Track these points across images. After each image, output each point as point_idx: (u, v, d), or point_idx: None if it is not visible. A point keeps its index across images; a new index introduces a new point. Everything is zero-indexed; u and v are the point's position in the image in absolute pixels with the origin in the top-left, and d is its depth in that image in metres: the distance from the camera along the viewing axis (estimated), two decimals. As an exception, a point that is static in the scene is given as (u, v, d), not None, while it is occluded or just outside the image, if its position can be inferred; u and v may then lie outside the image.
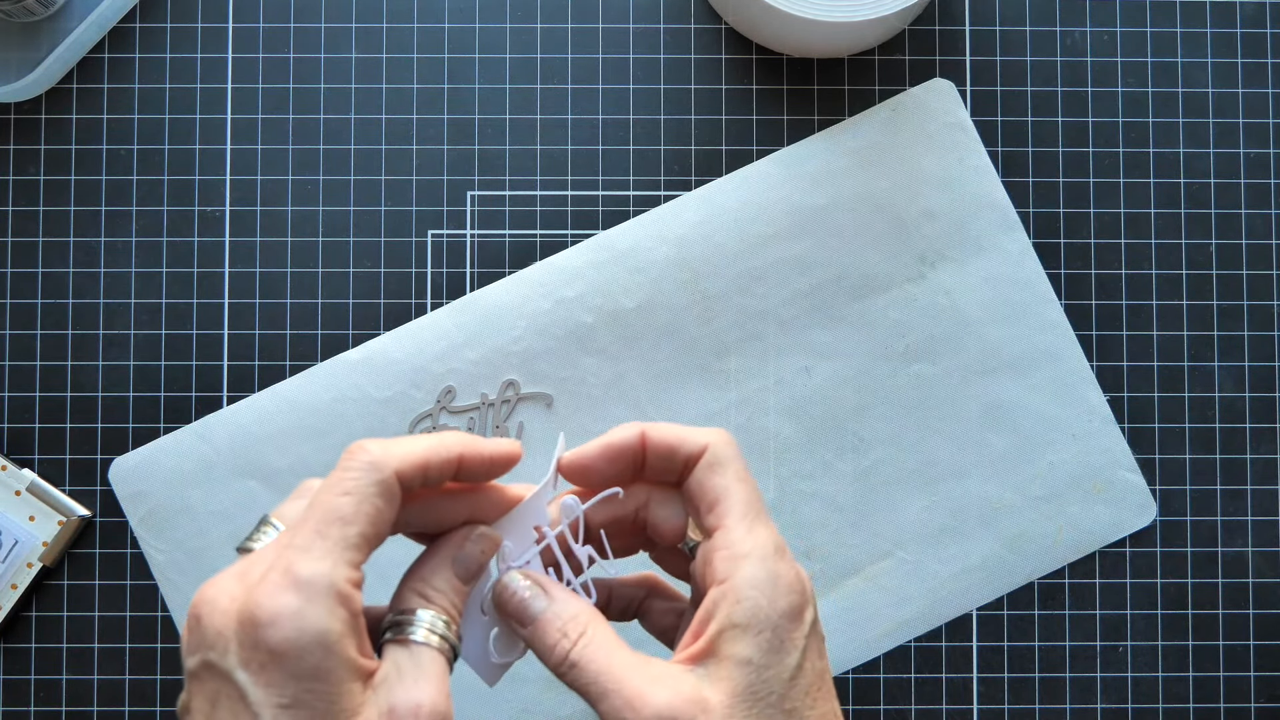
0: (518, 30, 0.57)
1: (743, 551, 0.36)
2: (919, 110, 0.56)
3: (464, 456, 0.37)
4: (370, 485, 0.34)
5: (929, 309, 0.55)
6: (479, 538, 0.37)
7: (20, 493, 0.55)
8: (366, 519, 0.34)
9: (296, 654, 0.32)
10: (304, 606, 0.32)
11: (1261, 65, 0.57)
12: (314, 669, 0.32)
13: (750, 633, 0.35)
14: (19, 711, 0.55)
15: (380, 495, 0.34)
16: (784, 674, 0.35)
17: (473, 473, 0.37)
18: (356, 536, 0.33)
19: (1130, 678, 0.56)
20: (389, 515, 0.35)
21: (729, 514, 0.37)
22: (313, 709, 0.32)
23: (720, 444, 0.38)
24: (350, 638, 0.33)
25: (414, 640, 0.35)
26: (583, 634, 0.37)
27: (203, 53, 0.57)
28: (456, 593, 0.37)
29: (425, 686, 0.34)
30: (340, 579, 0.33)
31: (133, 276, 0.56)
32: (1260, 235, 0.57)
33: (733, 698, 0.35)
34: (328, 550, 0.33)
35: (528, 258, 0.56)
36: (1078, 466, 0.55)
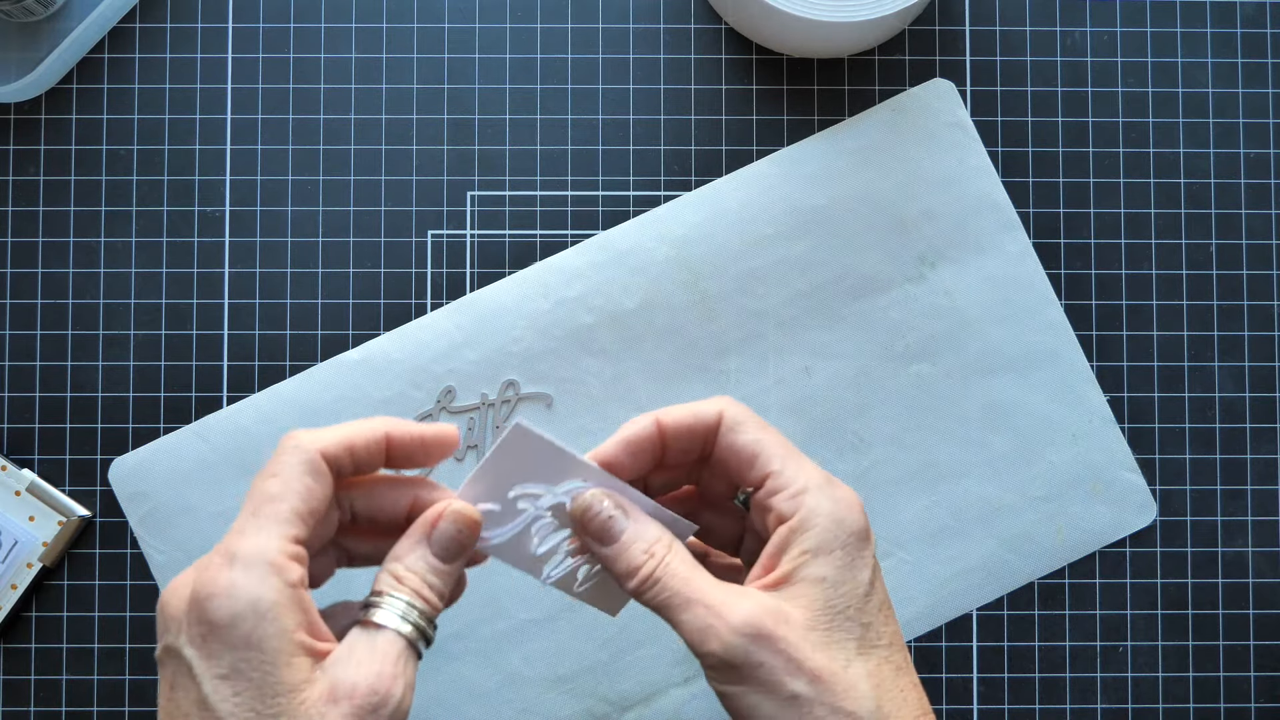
0: (518, 30, 0.57)
1: (800, 487, 0.38)
2: (919, 110, 0.56)
3: (391, 434, 0.38)
4: (296, 465, 0.36)
5: (929, 309, 0.55)
6: (453, 515, 0.37)
7: (20, 493, 0.55)
8: (295, 495, 0.35)
9: (230, 622, 0.34)
10: (238, 577, 0.34)
11: (1261, 65, 0.57)
12: (247, 637, 0.34)
13: (823, 554, 0.37)
14: (19, 711, 0.55)
15: (307, 473, 0.36)
16: (858, 589, 0.37)
17: (406, 452, 0.38)
18: (288, 511, 0.35)
19: (1130, 678, 0.56)
20: (320, 492, 0.36)
21: (771, 460, 0.38)
22: (248, 679, 0.34)
23: (731, 406, 0.39)
24: (289, 609, 0.34)
25: (374, 621, 0.36)
26: (668, 552, 0.38)
27: (203, 53, 0.57)
28: (434, 572, 0.37)
29: (370, 668, 0.35)
30: (272, 550, 0.34)
31: (133, 276, 0.56)
32: (1260, 235, 0.57)
33: (811, 613, 0.36)
34: (260, 527, 0.35)
35: (528, 258, 0.56)
36: (1078, 466, 0.55)
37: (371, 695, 0.34)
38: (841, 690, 0.35)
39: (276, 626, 0.34)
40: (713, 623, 0.36)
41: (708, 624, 0.36)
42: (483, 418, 0.55)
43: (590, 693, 0.54)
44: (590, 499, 0.38)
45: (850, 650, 0.36)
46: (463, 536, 0.37)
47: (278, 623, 0.34)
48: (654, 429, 0.39)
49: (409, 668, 0.35)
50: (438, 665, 0.54)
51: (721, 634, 0.36)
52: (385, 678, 0.35)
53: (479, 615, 0.54)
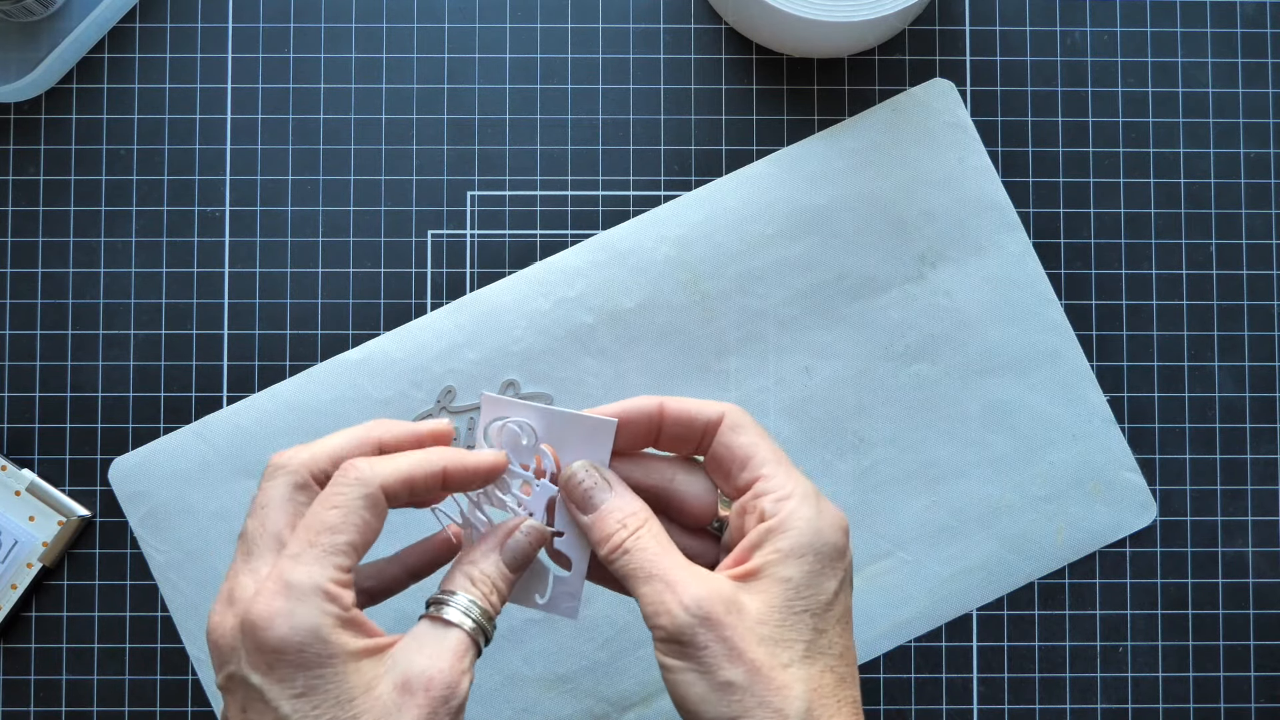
0: (518, 30, 0.57)
1: (787, 493, 0.39)
2: (919, 110, 0.56)
3: (448, 470, 0.39)
4: (357, 499, 0.37)
5: (929, 309, 0.55)
6: (529, 529, 0.40)
7: (20, 493, 0.55)
8: (354, 529, 0.37)
9: (296, 648, 0.35)
10: (294, 607, 0.35)
11: (1261, 65, 0.57)
12: (315, 658, 0.35)
13: (794, 557, 0.38)
14: (19, 711, 0.55)
15: (367, 509, 0.37)
16: (821, 597, 0.38)
17: (460, 484, 0.40)
18: (344, 545, 0.36)
19: (1130, 678, 0.56)
20: (375, 525, 0.37)
21: (764, 464, 0.39)
22: (324, 692, 0.35)
23: (736, 411, 0.41)
24: (343, 629, 0.36)
25: (444, 618, 0.38)
26: (641, 526, 0.39)
27: (203, 53, 0.57)
28: (503, 579, 0.39)
29: (442, 662, 0.36)
30: (326, 580, 0.36)
31: (133, 276, 0.56)
32: (1260, 235, 0.57)
33: (768, 608, 0.37)
34: (316, 558, 0.36)
35: (528, 258, 0.56)
36: (1078, 466, 0.55)
37: (445, 689, 0.36)
38: (775, 687, 0.36)
39: (338, 644, 0.35)
40: (667, 599, 0.37)
41: (662, 599, 0.37)
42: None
43: (590, 693, 0.54)
44: (576, 468, 0.40)
45: (797, 651, 0.37)
46: (532, 549, 0.40)
47: (336, 643, 0.35)
48: (655, 410, 0.41)
49: (472, 664, 0.37)
50: (438, 665, 0.54)
51: (673, 610, 0.37)
52: (455, 672, 0.36)
53: (479, 615, 0.54)
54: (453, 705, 0.36)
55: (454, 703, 0.36)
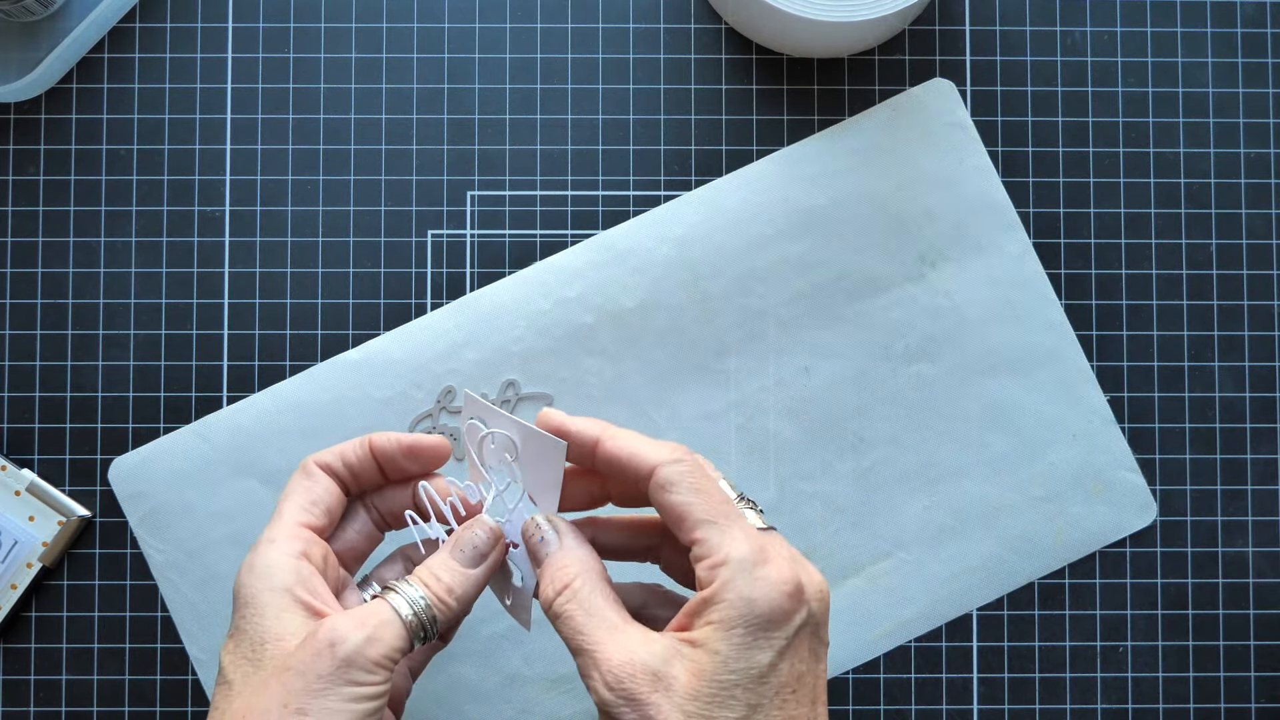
0: (518, 30, 0.57)
1: (719, 559, 0.37)
2: (919, 110, 0.56)
3: (373, 442, 0.43)
4: (296, 474, 0.43)
5: (929, 309, 0.55)
6: (481, 526, 0.41)
7: (20, 493, 0.55)
8: (296, 493, 0.42)
9: (239, 588, 0.40)
10: (249, 556, 0.40)
11: (1261, 65, 0.57)
12: (249, 596, 0.39)
13: (723, 629, 0.36)
14: (19, 711, 0.55)
15: (302, 476, 0.43)
16: (752, 670, 0.36)
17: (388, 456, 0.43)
18: (290, 507, 0.42)
19: (1130, 678, 0.56)
20: (316, 487, 0.42)
21: (696, 528, 0.38)
22: (244, 633, 0.39)
23: (667, 465, 0.39)
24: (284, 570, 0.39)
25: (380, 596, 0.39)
26: (567, 586, 0.39)
27: (203, 53, 0.57)
28: (452, 573, 0.40)
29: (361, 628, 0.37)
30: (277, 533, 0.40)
31: (133, 276, 0.56)
32: (1260, 235, 0.57)
33: (698, 680, 0.36)
34: (272, 523, 0.41)
35: (528, 258, 0.56)
36: (1078, 466, 0.55)
37: (333, 633, 0.37)
38: None
39: (269, 583, 0.39)
40: (593, 675, 0.37)
41: (589, 674, 0.37)
42: (483, 418, 0.55)
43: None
44: (527, 524, 0.41)
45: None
46: (480, 541, 0.41)
47: (270, 579, 0.39)
48: (591, 446, 0.41)
49: (387, 631, 0.38)
50: (438, 665, 0.54)
51: (599, 689, 0.37)
52: (353, 625, 0.37)
53: (479, 615, 0.54)
54: (338, 651, 0.37)
55: (340, 649, 0.37)
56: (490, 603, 0.54)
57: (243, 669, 0.38)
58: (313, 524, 0.41)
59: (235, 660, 0.38)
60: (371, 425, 0.54)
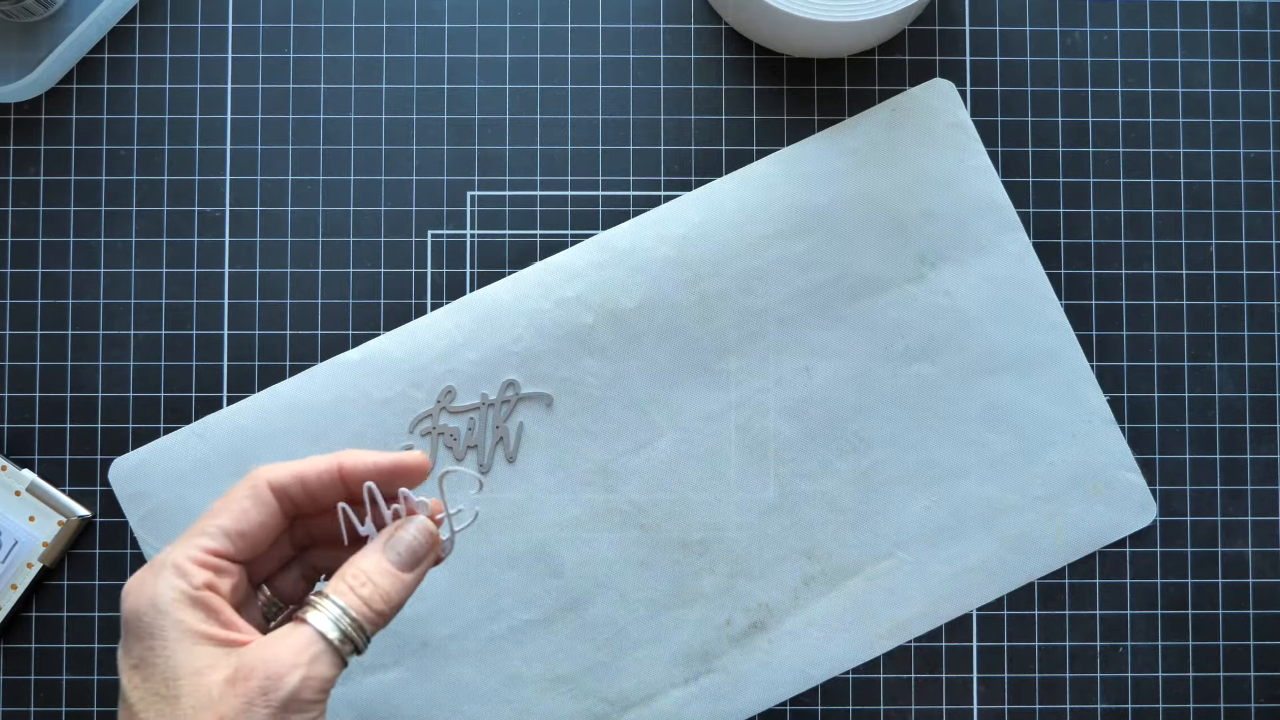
0: (518, 30, 0.57)
1: None
2: (919, 110, 0.56)
3: (344, 465, 0.39)
4: (242, 490, 0.39)
5: (929, 309, 0.55)
6: (419, 525, 0.39)
7: (20, 493, 0.55)
8: (229, 515, 0.38)
9: (136, 617, 0.37)
10: (147, 579, 0.37)
11: (1261, 65, 0.57)
12: (149, 628, 0.36)
13: None
14: (19, 711, 0.55)
15: (248, 498, 0.39)
16: None
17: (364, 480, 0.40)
18: (214, 528, 0.38)
19: (1130, 678, 0.56)
20: (256, 516, 0.39)
21: None
22: (153, 666, 0.36)
23: None
24: (187, 605, 0.36)
25: (302, 618, 0.37)
26: None
27: (203, 53, 0.57)
28: (386, 577, 0.38)
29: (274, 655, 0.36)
30: (182, 557, 0.37)
31: (133, 276, 0.56)
32: (1260, 235, 0.57)
33: None
34: (186, 539, 0.38)
35: (528, 258, 0.56)
36: (1078, 466, 0.55)
37: (265, 679, 0.35)
38: None
39: (172, 619, 0.36)
40: None
41: None
42: (483, 418, 0.55)
43: (590, 693, 0.54)
44: None
45: None
46: (417, 543, 0.39)
47: (173, 616, 0.36)
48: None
49: (319, 663, 0.36)
50: (436, 666, 0.54)
51: None
52: (284, 663, 0.36)
53: (478, 616, 0.54)
54: (273, 698, 0.35)
55: (274, 695, 0.35)
56: (491, 602, 0.54)
57: (157, 707, 0.35)
58: (232, 555, 0.38)
59: (146, 697, 0.36)
60: (371, 425, 0.54)
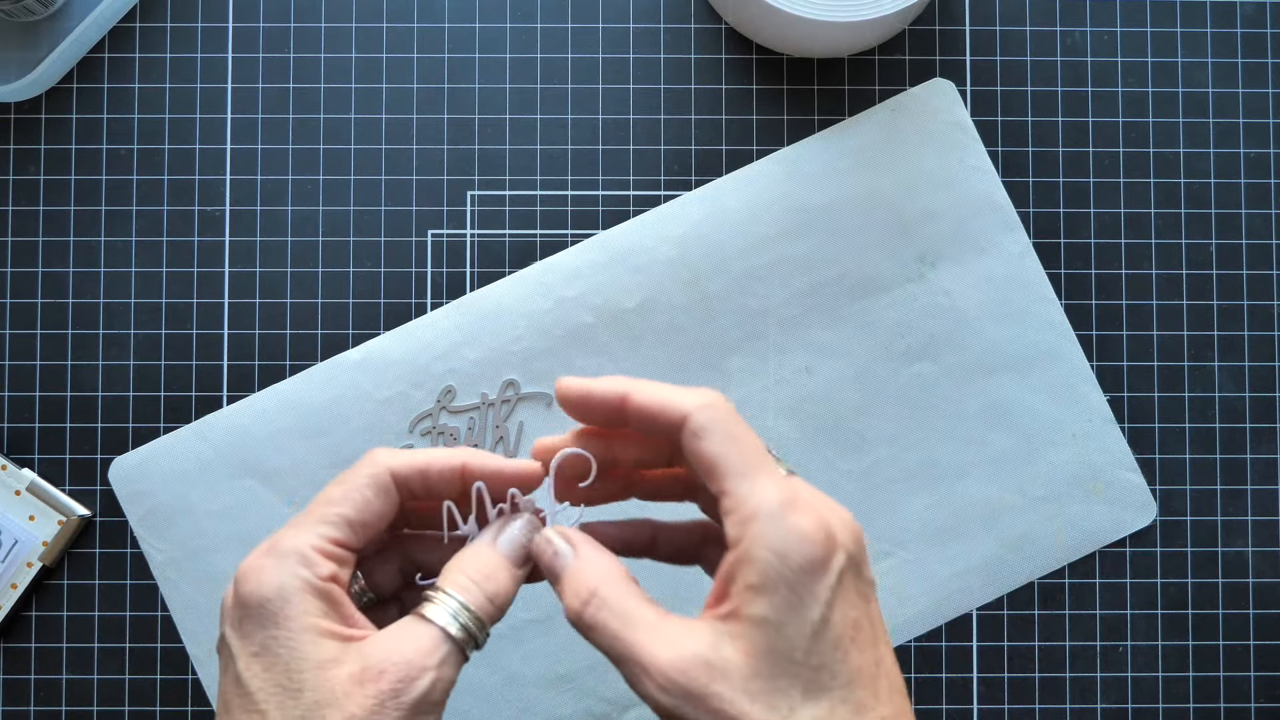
0: (518, 30, 0.57)
1: (748, 512, 0.35)
2: (919, 110, 0.56)
3: (467, 464, 0.38)
4: (363, 478, 0.37)
5: (929, 309, 0.55)
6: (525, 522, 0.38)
7: (20, 493, 0.55)
8: (351, 504, 0.37)
9: (259, 604, 0.35)
10: (268, 563, 0.36)
11: (1261, 65, 0.57)
12: (275, 617, 0.35)
13: (765, 593, 0.34)
14: (19, 711, 0.55)
15: (369, 486, 0.37)
16: (805, 630, 0.34)
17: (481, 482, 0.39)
18: (336, 516, 0.37)
19: (1130, 678, 0.56)
20: (377, 506, 0.37)
21: (726, 477, 0.36)
22: (276, 655, 0.35)
23: (700, 410, 0.37)
24: (312, 596, 0.35)
25: (423, 614, 0.36)
26: (594, 594, 0.36)
27: (203, 53, 0.57)
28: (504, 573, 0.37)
29: (403, 655, 0.35)
30: (306, 545, 0.36)
31: (133, 276, 0.56)
32: (1260, 235, 0.57)
33: (753, 658, 0.34)
34: (306, 525, 0.37)
35: (528, 258, 0.56)
36: (1078, 466, 0.55)
37: (398, 681, 0.34)
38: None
39: (300, 609, 0.35)
40: (644, 682, 0.34)
41: (639, 683, 0.34)
42: (483, 418, 0.55)
43: (590, 692, 0.54)
44: (545, 534, 0.38)
45: (795, 697, 0.34)
46: (523, 536, 0.38)
47: (301, 606, 0.35)
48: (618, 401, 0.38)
49: (445, 664, 0.35)
50: (438, 665, 0.54)
51: (653, 694, 0.34)
52: (414, 666, 0.35)
53: (479, 615, 0.54)
54: (404, 700, 0.34)
55: (405, 698, 0.34)
56: (490, 603, 0.54)
57: (278, 698, 0.34)
58: (352, 545, 0.37)
59: (267, 687, 0.34)
60: (371, 425, 0.54)
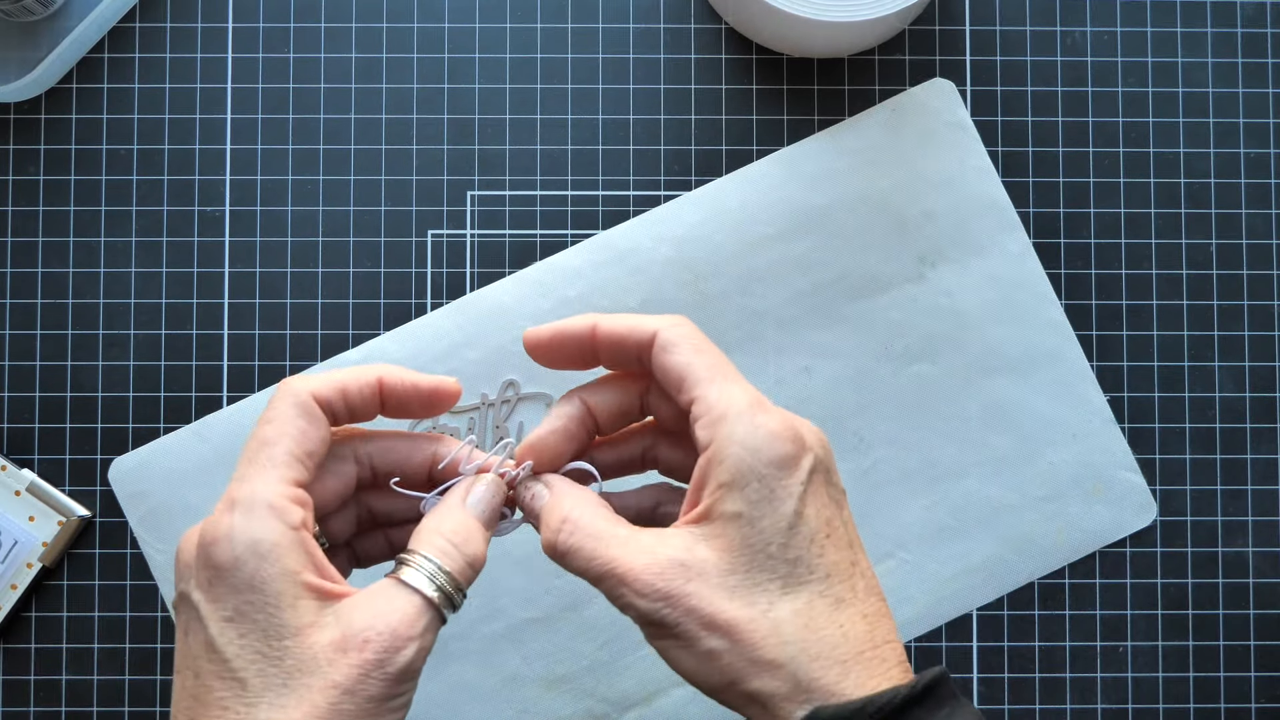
0: (518, 30, 0.57)
1: (718, 413, 0.35)
2: (919, 110, 0.56)
3: (384, 380, 0.38)
4: (289, 409, 0.36)
5: (929, 309, 0.55)
6: (488, 481, 0.38)
7: (20, 493, 0.55)
8: (289, 438, 0.35)
9: (233, 565, 0.34)
10: (239, 521, 0.34)
11: (1261, 65, 0.57)
12: (250, 579, 0.34)
13: (737, 488, 0.34)
14: (19, 711, 0.55)
15: (300, 416, 0.36)
16: (780, 523, 0.34)
17: (400, 400, 0.38)
18: (283, 455, 0.35)
19: (1130, 678, 0.56)
20: (314, 433, 0.36)
21: (696, 384, 0.36)
22: (253, 620, 0.34)
23: (668, 327, 0.37)
24: (291, 549, 0.34)
25: (401, 578, 0.35)
26: (564, 519, 0.36)
27: (203, 53, 0.57)
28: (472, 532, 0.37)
29: (387, 622, 0.34)
30: (272, 494, 0.34)
31: (133, 276, 0.56)
32: (1260, 235, 0.57)
33: (729, 553, 0.34)
34: (258, 472, 0.35)
35: (528, 258, 0.56)
36: (1078, 466, 0.55)
37: (382, 651, 0.34)
38: (759, 639, 0.34)
39: (278, 568, 0.34)
40: (622, 591, 0.35)
41: (619, 592, 0.35)
42: (483, 418, 0.55)
43: (590, 693, 0.54)
44: (520, 488, 0.38)
45: (774, 591, 0.34)
46: (497, 500, 0.38)
47: (279, 564, 0.34)
48: (588, 333, 0.38)
49: (427, 631, 0.35)
50: (438, 666, 0.54)
51: (633, 601, 0.34)
52: (399, 637, 0.34)
53: (479, 615, 0.54)
54: (389, 670, 0.33)
55: (390, 668, 0.34)
56: (492, 601, 0.54)
57: (257, 665, 0.33)
58: (305, 481, 0.36)
59: (244, 654, 0.33)
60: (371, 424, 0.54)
